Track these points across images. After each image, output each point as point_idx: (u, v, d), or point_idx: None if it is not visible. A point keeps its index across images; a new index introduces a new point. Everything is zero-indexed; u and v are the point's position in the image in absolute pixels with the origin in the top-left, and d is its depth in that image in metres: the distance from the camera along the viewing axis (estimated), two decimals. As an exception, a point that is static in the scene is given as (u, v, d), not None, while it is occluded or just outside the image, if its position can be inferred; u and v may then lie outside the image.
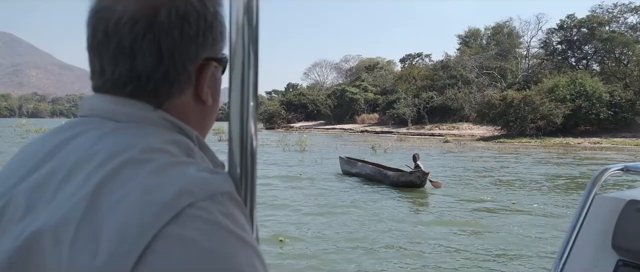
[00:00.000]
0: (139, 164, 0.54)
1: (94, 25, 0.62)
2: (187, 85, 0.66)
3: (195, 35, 0.64)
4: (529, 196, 11.62)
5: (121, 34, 0.60)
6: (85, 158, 0.56)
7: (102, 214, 0.50)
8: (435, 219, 9.18)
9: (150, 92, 0.63)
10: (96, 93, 0.65)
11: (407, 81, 64.06)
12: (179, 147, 0.60)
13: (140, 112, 0.62)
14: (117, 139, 0.58)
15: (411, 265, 6.55)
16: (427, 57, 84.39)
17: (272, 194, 11.53)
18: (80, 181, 0.53)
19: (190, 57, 0.64)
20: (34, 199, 0.55)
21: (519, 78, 52.70)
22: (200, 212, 0.51)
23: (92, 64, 0.65)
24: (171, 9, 0.61)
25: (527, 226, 8.54)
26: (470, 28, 71.91)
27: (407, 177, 12.35)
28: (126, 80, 0.62)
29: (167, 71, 0.62)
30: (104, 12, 0.61)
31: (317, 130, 62.07)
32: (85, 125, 0.62)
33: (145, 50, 0.61)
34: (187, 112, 0.67)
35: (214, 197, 0.53)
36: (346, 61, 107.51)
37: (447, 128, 49.19)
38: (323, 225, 8.65)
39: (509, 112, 38.53)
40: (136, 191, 0.51)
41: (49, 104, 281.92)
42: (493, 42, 64.71)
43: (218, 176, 0.57)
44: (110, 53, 0.61)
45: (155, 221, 0.49)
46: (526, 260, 6.71)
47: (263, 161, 20.21)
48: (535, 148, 30.19)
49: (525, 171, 17.21)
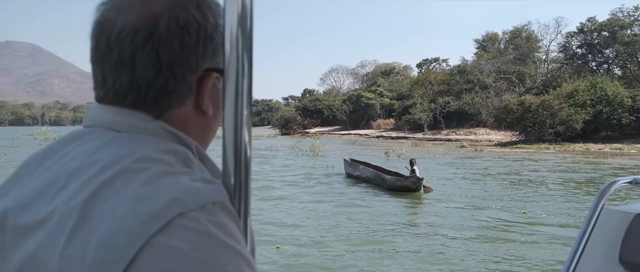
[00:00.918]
0: (132, 173, 0.54)
1: (97, 37, 0.64)
2: (187, 96, 0.66)
3: (196, 46, 0.64)
4: (541, 204, 11.22)
5: (122, 46, 0.61)
6: (83, 167, 0.56)
7: (93, 222, 0.50)
8: (433, 226, 8.88)
9: (150, 102, 0.64)
10: (98, 103, 0.66)
11: (424, 86, 63.49)
12: (176, 156, 0.60)
13: (140, 123, 0.63)
14: (114, 149, 0.58)
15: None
16: (444, 62, 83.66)
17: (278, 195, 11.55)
18: (75, 188, 0.54)
19: (190, 68, 0.65)
20: (35, 199, 0.56)
21: (538, 83, 51.80)
22: (190, 222, 0.50)
23: (95, 75, 0.66)
24: (171, 20, 0.62)
25: (535, 236, 8.19)
26: (488, 32, 71.16)
27: (403, 182, 12.63)
28: (127, 91, 0.63)
29: (167, 82, 0.63)
30: (107, 24, 0.63)
31: (332, 135, 61.82)
32: (86, 135, 0.63)
33: (145, 61, 0.61)
34: (188, 123, 0.67)
35: (205, 207, 0.53)
36: (362, 66, 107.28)
37: (463, 133, 48.48)
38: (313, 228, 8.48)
39: (527, 117, 37.75)
40: (127, 200, 0.51)
41: (70, 112, 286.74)
42: (511, 46, 63.80)
43: (211, 186, 0.56)
44: (112, 64, 0.62)
45: (144, 230, 0.48)
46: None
47: (273, 165, 20.08)
48: (554, 154, 29.47)
49: (541, 177, 16.72)
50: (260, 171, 18.06)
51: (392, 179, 13.04)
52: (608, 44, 47.44)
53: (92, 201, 0.52)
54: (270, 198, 11.83)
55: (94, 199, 0.52)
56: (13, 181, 0.62)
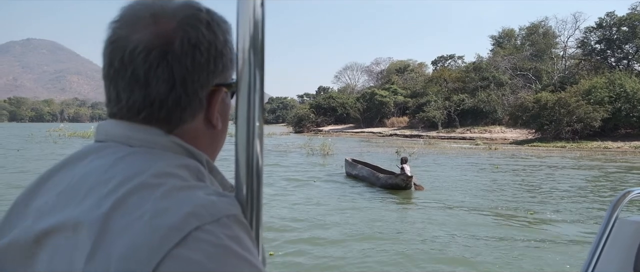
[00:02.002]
0: (150, 188, 0.56)
1: (110, 54, 0.65)
2: (198, 111, 0.68)
3: (206, 62, 0.66)
4: (550, 205, 10.78)
5: (136, 63, 0.63)
6: (101, 182, 0.58)
7: (113, 236, 0.52)
8: (429, 224, 8.55)
9: (163, 118, 0.66)
10: (111, 119, 0.68)
11: (438, 84, 62.82)
12: (189, 171, 0.62)
13: (152, 138, 0.65)
14: (129, 164, 0.60)
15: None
16: (459, 59, 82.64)
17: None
18: (94, 203, 0.56)
19: (201, 84, 0.67)
20: (53, 210, 0.59)
21: (555, 79, 50.78)
22: (206, 235, 0.52)
23: (108, 91, 0.67)
24: (183, 39, 0.64)
25: (539, 238, 7.84)
26: (504, 28, 70.06)
27: (394, 180, 13.07)
28: (140, 107, 0.65)
29: (179, 97, 0.65)
30: (120, 41, 0.64)
31: (345, 133, 61.51)
32: (101, 150, 0.65)
33: (159, 78, 0.63)
34: (198, 137, 0.70)
35: (220, 220, 0.55)
36: (377, 64, 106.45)
37: (478, 131, 47.81)
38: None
39: (543, 115, 37.01)
40: (146, 215, 0.53)
41: (88, 109, 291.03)
42: (528, 43, 62.70)
43: (225, 199, 0.58)
44: (126, 81, 0.64)
45: (163, 244, 0.50)
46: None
47: (280, 165, 19.88)
48: (571, 152, 28.78)
49: (553, 176, 16.22)
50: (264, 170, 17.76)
51: (384, 178, 13.55)
52: (628, 39, 46.23)
53: (112, 215, 0.54)
54: (267, 197, 11.58)
55: (113, 214, 0.54)
56: (29, 196, 0.64)
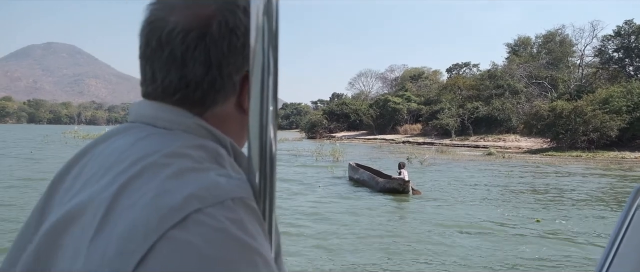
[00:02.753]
0: (158, 168, 0.56)
1: (147, 34, 0.66)
2: (231, 94, 0.69)
3: (242, 47, 0.67)
4: (560, 214, 10.47)
5: (174, 44, 0.64)
6: (118, 161, 0.59)
7: (117, 215, 0.52)
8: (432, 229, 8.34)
9: (197, 99, 0.66)
10: (143, 99, 0.69)
11: (452, 91, 62.30)
12: (206, 152, 0.61)
13: (178, 118, 0.65)
14: (146, 144, 0.61)
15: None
16: (475, 67, 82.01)
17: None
18: (106, 182, 0.57)
19: (236, 68, 0.67)
20: (74, 193, 0.61)
21: (572, 88, 50.00)
22: (206, 218, 0.51)
23: (143, 71, 0.68)
24: (221, 22, 0.65)
25: (544, 245, 7.58)
26: (520, 36, 69.35)
27: (392, 184, 13.38)
28: (176, 88, 0.65)
29: (214, 80, 0.66)
30: (158, 22, 0.65)
31: (358, 140, 61.25)
32: (128, 130, 0.66)
33: (196, 60, 0.64)
34: (228, 121, 0.70)
35: (224, 203, 0.53)
36: (391, 71, 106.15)
37: (492, 140, 47.19)
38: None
39: (559, 124, 36.33)
40: (149, 194, 0.53)
41: (105, 112, 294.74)
42: (544, 51, 61.96)
43: (233, 181, 0.57)
44: (163, 61, 0.65)
45: (161, 224, 0.49)
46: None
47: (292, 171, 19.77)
48: (586, 162, 28.19)
49: (566, 186, 15.82)
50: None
51: (382, 182, 13.81)
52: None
53: (119, 194, 0.54)
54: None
55: (122, 193, 0.54)
56: (61, 178, 0.66)
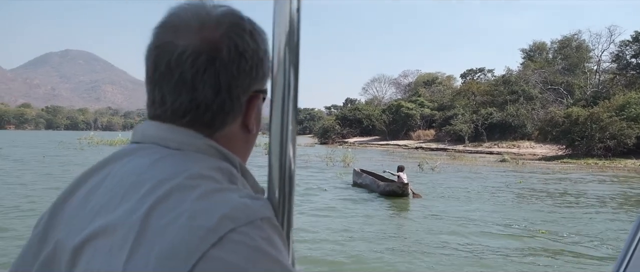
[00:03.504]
0: (186, 190, 0.58)
1: (155, 58, 0.67)
2: (238, 116, 0.71)
3: (250, 70, 0.69)
4: (567, 225, 10.16)
5: (184, 67, 0.65)
6: (139, 183, 0.60)
7: (152, 236, 0.54)
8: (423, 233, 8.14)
9: (207, 121, 0.68)
10: (151, 121, 0.70)
11: (466, 97, 61.75)
12: (223, 173, 0.64)
13: (189, 140, 0.66)
14: (166, 166, 0.62)
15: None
16: (489, 73, 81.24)
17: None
18: (133, 204, 0.58)
19: (244, 90, 0.69)
20: (94, 213, 0.61)
21: (588, 94, 49.21)
22: (241, 237, 0.54)
23: (152, 94, 0.69)
24: (231, 46, 0.66)
25: (545, 259, 7.34)
26: (536, 41, 68.58)
27: (391, 187, 13.64)
28: (186, 110, 0.67)
29: (224, 102, 0.67)
30: (166, 46, 0.66)
31: (371, 146, 60.97)
32: (139, 151, 0.67)
33: (206, 83, 0.65)
34: (234, 140, 0.72)
35: (254, 222, 0.57)
36: (405, 76, 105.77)
37: (506, 146, 46.60)
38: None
39: (574, 131, 35.73)
40: (183, 216, 0.55)
41: (121, 118, 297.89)
42: (560, 56, 61.16)
43: (258, 202, 0.60)
44: (172, 85, 0.66)
45: (201, 245, 0.52)
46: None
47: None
48: (602, 170, 27.62)
49: (578, 194, 15.44)
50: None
51: (383, 185, 14.15)
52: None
53: (150, 216, 0.56)
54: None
55: (152, 214, 0.56)
56: (66, 198, 0.67)
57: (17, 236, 7.94)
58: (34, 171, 19.91)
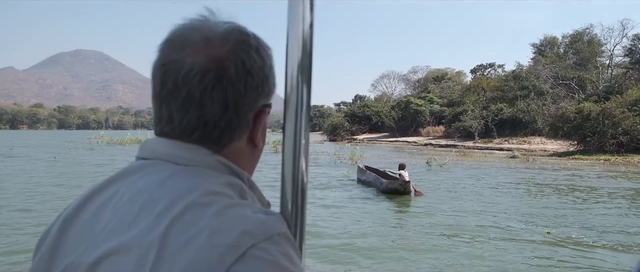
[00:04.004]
0: (201, 207, 0.59)
1: (162, 76, 0.67)
2: (245, 131, 0.71)
3: (257, 86, 0.69)
4: (577, 225, 9.89)
5: (191, 85, 0.65)
6: (152, 201, 0.61)
7: (173, 254, 0.55)
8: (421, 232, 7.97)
9: (215, 138, 0.68)
10: (159, 137, 0.70)
11: (476, 92, 61.20)
12: (233, 189, 0.65)
13: (198, 157, 0.67)
14: (178, 183, 0.63)
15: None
16: (500, 68, 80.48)
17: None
18: (150, 223, 0.58)
19: (250, 106, 0.70)
20: (108, 231, 0.61)
21: (601, 89, 48.49)
22: (261, 252, 0.56)
23: (159, 111, 0.69)
24: (238, 63, 0.67)
25: (546, 262, 7.12)
26: (546, 36, 67.77)
27: (393, 185, 13.70)
28: (194, 127, 0.67)
29: (231, 119, 0.68)
30: (173, 64, 0.66)
31: (379, 142, 60.69)
32: (148, 168, 0.67)
33: (214, 100, 0.66)
34: (241, 156, 0.72)
35: (272, 238, 0.58)
36: (414, 72, 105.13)
37: (517, 142, 46.06)
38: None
39: (586, 126, 35.20)
40: (203, 233, 0.56)
41: (131, 117, 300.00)
42: (571, 51, 60.38)
43: (273, 217, 0.62)
44: (180, 102, 0.66)
45: (223, 261, 0.53)
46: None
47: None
48: (614, 166, 27.16)
49: (589, 191, 15.13)
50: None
51: (386, 183, 14.16)
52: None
53: (168, 235, 0.56)
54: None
55: (170, 232, 0.56)
56: (74, 215, 0.66)
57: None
58: (43, 171, 19.98)
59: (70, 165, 23.10)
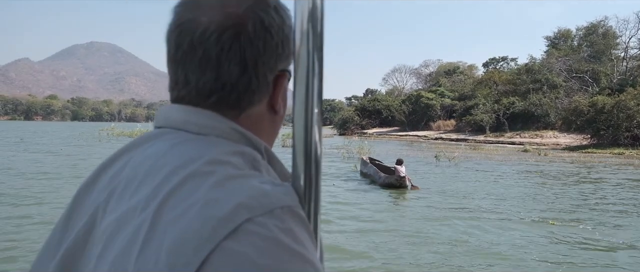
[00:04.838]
0: (201, 177, 0.55)
1: (177, 37, 0.64)
2: (265, 95, 0.68)
3: (276, 46, 0.66)
4: (583, 217, 9.59)
5: (207, 45, 0.62)
6: (155, 169, 0.58)
7: (165, 227, 0.51)
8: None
9: (233, 101, 0.65)
10: (173, 103, 0.68)
11: (488, 86, 60.49)
12: (244, 158, 0.60)
13: (211, 123, 0.64)
14: (183, 151, 0.59)
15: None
16: (512, 61, 79.54)
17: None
18: (147, 193, 0.56)
19: (270, 68, 0.66)
20: (115, 202, 0.59)
21: (615, 82, 47.60)
22: (257, 227, 0.50)
23: (174, 75, 0.67)
24: (256, 21, 0.64)
25: (546, 252, 6.87)
26: (560, 29, 66.76)
27: (389, 180, 13.94)
28: (211, 89, 0.64)
29: (250, 80, 0.65)
30: (188, 24, 0.63)
31: (390, 136, 60.30)
32: (159, 137, 0.64)
33: (231, 60, 0.63)
34: (260, 122, 0.69)
35: (273, 212, 0.53)
36: (426, 66, 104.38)
37: (529, 136, 45.42)
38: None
39: (600, 120, 34.61)
40: (197, 204, 0.52)
41: (144, 109, 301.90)
42: (585, 44, 59.36)
43: (279, 189, 0.56)
44: (196, 63, 0.63)
45: (213, 235, 0.49)
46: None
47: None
48: (629, 159, 26.59)
49: (600, 184, 14.76)
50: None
51: (383, 177, 14.38)
52: (698, 39, 42.64)
53: (164, 205, 0.53)
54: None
55: (166, 203, 0.53)
56: (88, 187, 0.65)
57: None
58: (50, 163, 20.05)
59: (71, 159, 23.15)
